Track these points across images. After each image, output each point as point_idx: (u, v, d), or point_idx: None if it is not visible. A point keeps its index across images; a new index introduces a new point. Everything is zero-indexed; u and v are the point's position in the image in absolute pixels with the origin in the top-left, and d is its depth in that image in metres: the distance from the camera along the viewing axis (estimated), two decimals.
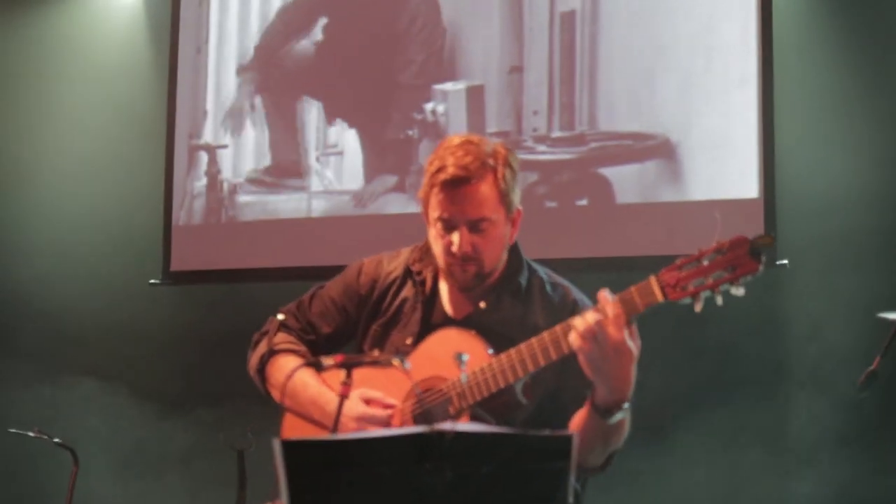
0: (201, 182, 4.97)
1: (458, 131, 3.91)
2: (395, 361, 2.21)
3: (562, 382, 2.46)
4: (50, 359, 5.01)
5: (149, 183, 5.00)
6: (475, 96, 4.58)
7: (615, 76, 4.37)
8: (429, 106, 4.65)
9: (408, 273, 2.69)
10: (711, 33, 4.24)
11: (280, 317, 2.73)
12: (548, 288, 2.62)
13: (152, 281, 4.94)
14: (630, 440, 2.41)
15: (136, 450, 4.91)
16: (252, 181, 4.91)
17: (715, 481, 4.05)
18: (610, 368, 2.23)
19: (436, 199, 2.51)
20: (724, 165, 4.17)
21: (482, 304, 2.59)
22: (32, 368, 5.01)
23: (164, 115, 4.99)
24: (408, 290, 2.68)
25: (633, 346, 2.24)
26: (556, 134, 4.46)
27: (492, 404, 2.42)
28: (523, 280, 2.62)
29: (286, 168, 4.86)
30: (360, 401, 2.51)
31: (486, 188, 2.49)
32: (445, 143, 2.56)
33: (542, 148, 4.48)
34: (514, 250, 2.63)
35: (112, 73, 5.12)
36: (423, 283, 2.66)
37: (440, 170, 2.49)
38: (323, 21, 4.89)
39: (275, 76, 4.95)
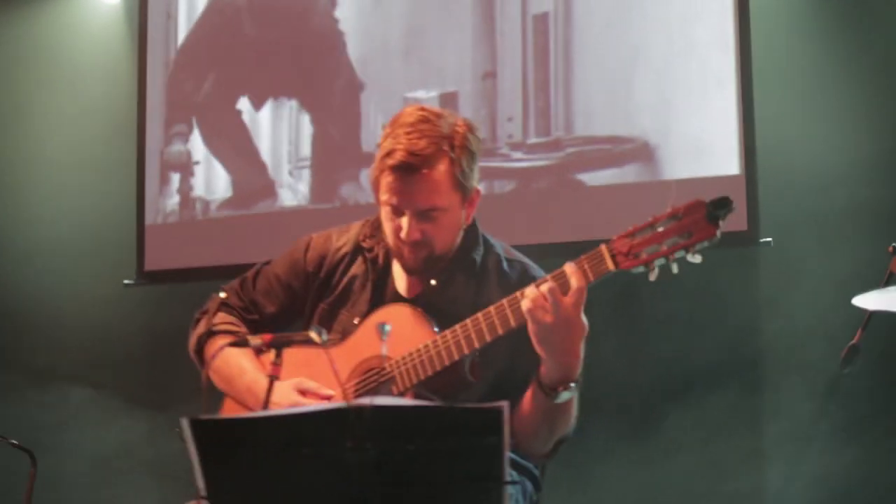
0: (174, 200, 4.86)
1: None
2: (312, 334, 2.04)
3: (515, 362, 2.30)
4: (27, 363, 4.91)
5: (123, 188, 4.94)
6: (448, 104, 4.46)
7: (590, 79, 4.25)
8: None
9: (358, 249, 2.51)
10: (687, 25, 4.11)
11: (222, 295, 2.57)
12: (504, 265, 2.45)
13: (126, 281, 4.85)
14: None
15: (117, 452, 4.80)
16: (222, 207, 4.81)
17: (697, 466, 3.90)
18: (559, 341, 2.10)
19: (385, 181, 2.32)
20: (705, 169, 4.04)
21: (433, 282, 2.42)
22: (8, 373, 4.89)
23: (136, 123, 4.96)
24: (357, 267, 2.50)
25: (584, 321, 2.10)
26: (532, 140, 4.34)
27: (437, 384, 2.25)
28: (478, 257, 2.45)
29: (251, 196, 4.75)
30: (294, 390, 2.32)
31: (438, 175, 2.30)
32: (400, 118, 2.35)
33: (518, 155, 4.35)
34: (470, 226, 2.46)
35: (88, 77, 5.09)
36: (374, 260, 2.48)
37: (390, 153, 2.29)
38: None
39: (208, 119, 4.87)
